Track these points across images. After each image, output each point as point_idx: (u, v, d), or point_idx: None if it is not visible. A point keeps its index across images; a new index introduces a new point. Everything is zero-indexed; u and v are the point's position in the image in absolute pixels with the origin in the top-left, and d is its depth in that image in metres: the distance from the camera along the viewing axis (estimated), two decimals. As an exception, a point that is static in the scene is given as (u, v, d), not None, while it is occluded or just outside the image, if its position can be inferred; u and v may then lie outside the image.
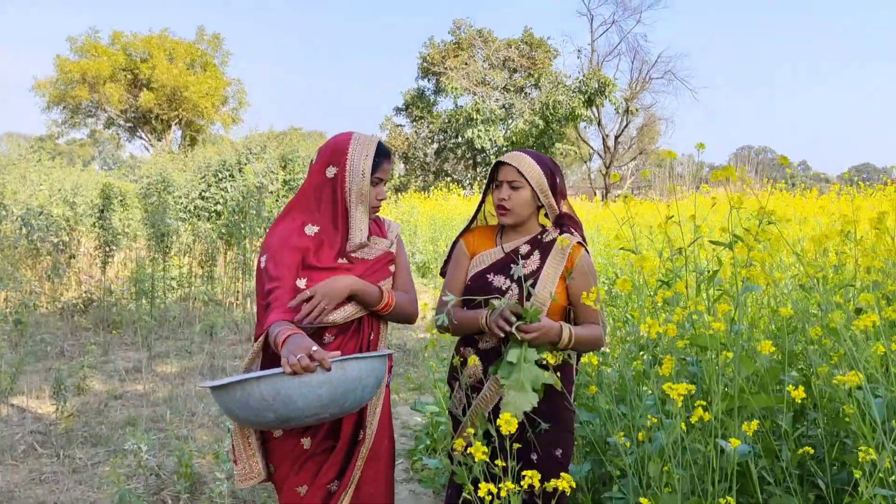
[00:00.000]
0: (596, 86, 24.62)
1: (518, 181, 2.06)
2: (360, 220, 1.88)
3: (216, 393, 1.56)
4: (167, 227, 7.78)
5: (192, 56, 30.36)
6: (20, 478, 3.55)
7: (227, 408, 1.55)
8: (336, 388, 1.51)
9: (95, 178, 13.36)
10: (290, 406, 1.48)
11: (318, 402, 1.50)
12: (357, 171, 1.85)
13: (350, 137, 1.89)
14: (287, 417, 1.50)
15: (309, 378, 1.48)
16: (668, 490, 1.65)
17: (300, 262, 1.81)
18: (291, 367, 1.45)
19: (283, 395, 1.47)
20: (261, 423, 1.55)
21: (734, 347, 1.63)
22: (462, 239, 2.25)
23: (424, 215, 13.42)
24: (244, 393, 1.49)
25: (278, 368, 1.51)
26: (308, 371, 1.46)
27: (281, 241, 1.82)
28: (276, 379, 1.48)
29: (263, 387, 1.48)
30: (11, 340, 5.96)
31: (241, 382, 1.49)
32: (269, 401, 1.47)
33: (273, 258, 1.80)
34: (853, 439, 1.87)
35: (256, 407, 1.49)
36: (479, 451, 1.55)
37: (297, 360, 1.45)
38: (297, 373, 1.46)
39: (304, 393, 1.48)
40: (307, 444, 1.86)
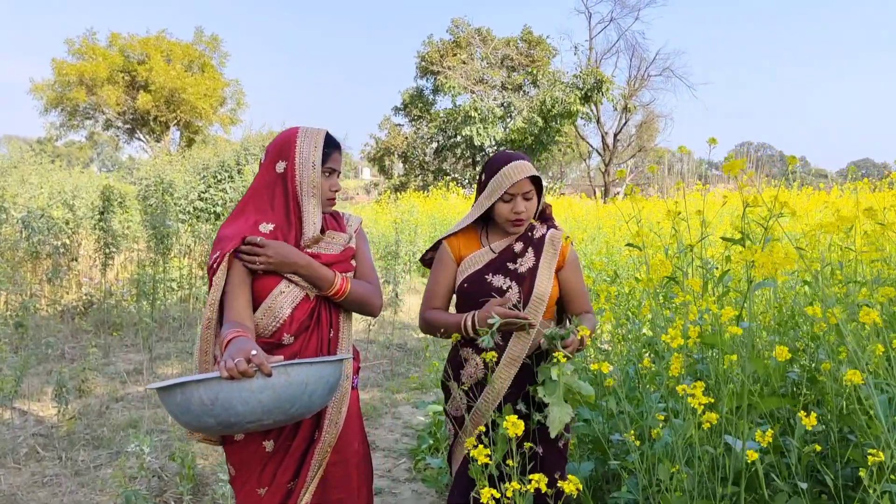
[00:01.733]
0: (593, 83, 24.61)
1: (531, 192, 2.08)
2: (312, 213, 1.84)
3: (160, 395, 1.51)
4: (167, 229, 7.77)
5: (189, 57, 30.32)
6: (22, 481, 3.54)
7: (170, 411, 1.50)
8: (279, 394, 1.45)
9: (95, 180, 13.35)
10: (231, 411, 1.42)
11: (261, 408, 1.44)
12: (307, 162, 1.83)
13: (297, 131, 1.87)
14: (228, 423, 1.45)
15: (249, 383, 1.42)
16: (678, 493, 1.64)
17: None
18: (228, 372, 1.41)
19: (222, 400, 1.42)
20: (203, 428, 1.49)
21: (742, 346, 1.62)
22: (446, 242, 2.22)
23: (424, 214, 13.41)
24: (184, 397, 1.44)
25: (215, 372, 1.46)
26: (246, 376, 1.41)
27: (234, 234, 1.78)
28: (214, 383, 1.42)
29: (203, 391, 1.42)
30: (12, 343, 5.95)
31: (181, 385, 1.44)
32: (209, 405, 1.42)
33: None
34: (859, 436, 1.86)
35: (197, 412, 1.43)
36: (481, 455, 1.54)
37: (234, 364, 1.40)
38: (233, 377, 1.41)
39: (244, 398, 1.42)
40: (269, 447, 1.83)
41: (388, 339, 7.15)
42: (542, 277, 2.06)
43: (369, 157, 30.24)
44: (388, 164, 29.35)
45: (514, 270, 2.09)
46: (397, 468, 3.83)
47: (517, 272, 2.08)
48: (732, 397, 1.60)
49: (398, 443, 4.25)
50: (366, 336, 7.12)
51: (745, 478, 1.59)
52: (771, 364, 1.74)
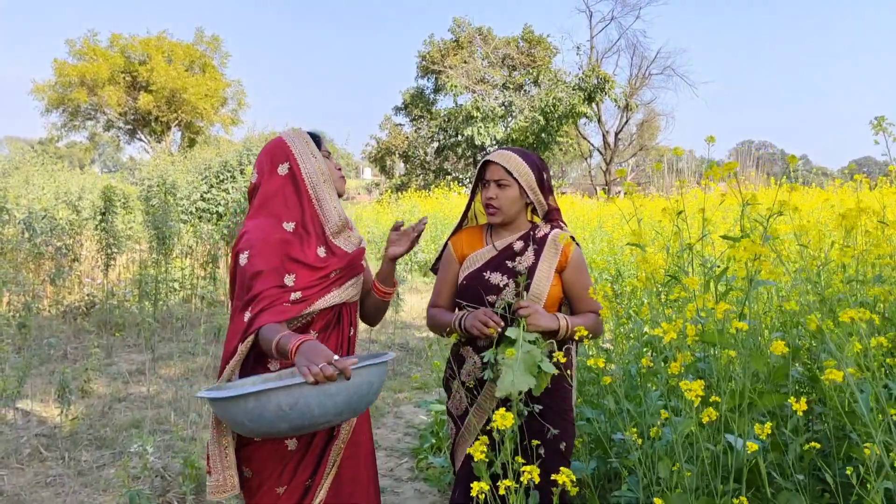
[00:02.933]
0: (595, 82, 24.59)
1: (505, 179, 2.07)
2: (330, 200, 1.87)
3: (222, 404, 1.48)
4: (169, 230, 7.78)
5: (190, 57, 30.33)
6: (26, 481, 3.55)
7: (233, 419, 1.48)
8: (351, 394, 1.47)
9: (98, 180, 13.36)
10: (307, 415, 1.43)
11: (334, 410, 1.46)
12: (307, 155, 1.87)
13: (281, 136, 1.92)
14: (300, 426, 1.46)
15: (327, 387, 1.43)
16: (678, 491, 1.64)
17: (285, 256, 1.77)
18: (314, 377, 1.40)
19: (301, 405, 1.42)
20: (267, 434, 1.49)
21: (744, 344, 1.63)
22: (450, 242, 2.26)
23: (426, 214, 13.42)
24: (259, 403, 1.42)
25: (296, 378, 1.45)
26: (330, 380, 1.41)
27: (264, 236, 1.77)
28: (295, 389, 1.42)
29: (282, 397, 1.41)
30: (15, 344, 5.96)
31: (257, 393, 1.42)
32: (286, 410, 1.42)
33: (258, 254, 1.73)
34: (859, 434, 1.86)
35: (271, 418, 1.43)
36: (477, 452, 1.54)
37: (320, 370, 1.40)
38: (318, 382, 1.41)
39: (322, 402, 1.43)
40: (292, 446, 1.83)
41: (390, 339, 7.15)
42: (539, 276, 2.06)
43: (370, 157, 30.24)
44: (389, 164, 29.35)
45: (512, 268, 2.09)
46: (400, 467, 3.83)
47: (515, 270, 2.09)
48: (733, 395, 1.60)
49: (400, 442, 4.25)
50: (367, 335, 7.13)
51: (745, 473, 1.60)
52: (772, 362, 1.75)
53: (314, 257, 1.82)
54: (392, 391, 5.38)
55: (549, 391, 2.07)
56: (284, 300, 1.71)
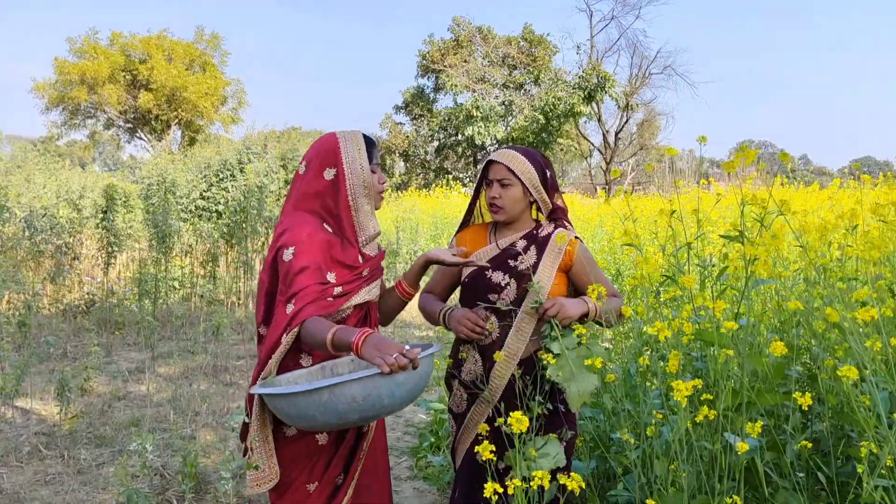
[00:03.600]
0: (595, 81, 24.58)
1: (508, 178, 2.09)
2: (367, 212, 1.91)
3: (290, 399, 1.52)
4: (169, 228, 7.78)
5: (190, 56, 30.32)
6: (25, 479, 3.56)
7: (303, 413, 1.51)
8: (416, 384, 1.53)
9: (100, 179, 13.36)
10: (377, 405, 1.48)
11: (400, 400, 1.51)
12: (355, 165, 1.87)
13: (336, 137, 1.91)
14: (367, 417, 1.51)
15: (397, 377, 1.48)
16: (674, 489, 1.64)
17: (328, 256, 1.81)
18: (390, 367, 1.45)
19: (374, 396, 1.47)
20: (335, 425, 1.54)
21: (741, 343, 1.63)
22: (455, 238, 2.29)
23: (426, 213, 13.42)
24: (333, 395, 1.47)
25: (371, 370, 1.49)
26: (403, 370, 1.47)
27: (310, 233, 1.80)
28: (370, 380, 1.47)
29: (357, 388, 1.46)
30: (15, 342, 5.97)
31: (331, 386, 1.47)
32: (360, 401, 1.47)
33: (305, 250, 1.76)
34: (858, 433, 1.86)
35: (343, 409, 1.47)
36: (486, 451, 1.55)
37: (395, 360, 1.45)
38: (393, 372, 1.46)
39: (391, 391, 1.48)
40: (322, 440, 1.84)
41: (390, 337, 7.15)
42: (541, 276, 2.06)
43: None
44: (389, 163, 29.35)
45: (514, 267, 2.09)
46: (399, 466, 3.84)
47: (517, 269, 2.09)
48: (730, 395, 1.60)
49: (399, 441, 4.26)
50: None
51: (740, 471, 1.60)
52: (769, 362, 1.75)
53: (353, 259, 1.87)
54: (391, 390, 5.38)
55: (551, 392, 2.07)
56: (328, 295, 1.76)
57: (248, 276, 8.51)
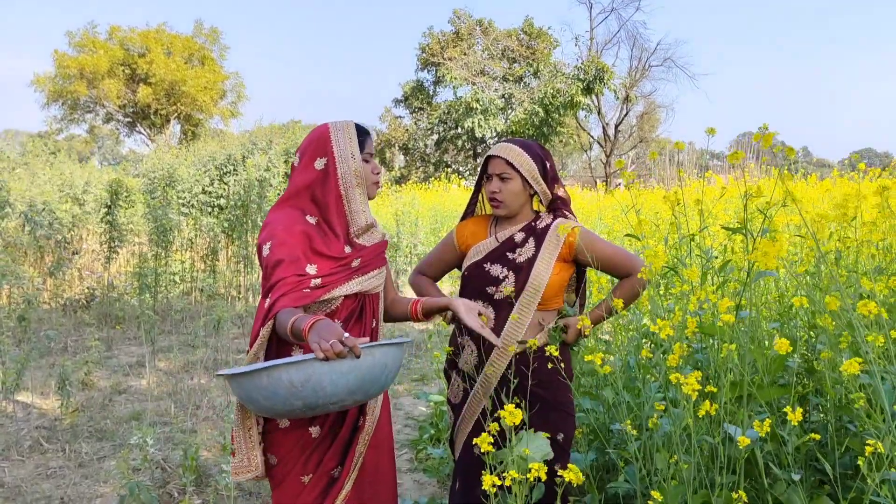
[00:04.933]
0: (595, 73, 24.52)
1: (507, 172, 2.09)
2: (360, 202, 1.88)
3: (238, 380, 1.52)
4: (169, 222, 7.78)
5: (189, 50, 30.21)
6: (27, 473, 3.57)
7: (249, 396, 1.52)
8: (364, 374, 1.50)
9: (104, 173, 13.32)
10: (319, 393, 1.46)
11: (346, 389, 1.48)
12: (345, 154, 1.86)
13: (328, 127, 1.90)
14: (314, 405, 1.48)
15: (339, 364, 1.45)
16: (675, 482, 1.64)
17: (308, 247, 1.79)
18: (324, 353, 1.43)
19: (312, 382, 1.45)
20: (283, 412, 1.52)
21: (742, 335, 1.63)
22: (456, 228, 2.31)
23: (425, 206, 13.41)
24: (271, 380, 1.46)
25: (307, 355, 1.48)
26: (340, 357, 1.44)
27: (286, 226, 1.79)
28: (306, 365, 1.45)
29: (293, 373, 1.45)
30: (15, 337, 5.97)
31: (269, 369, 1.46)
32: (298, 388, 1.45)
33: (281, 243, 1.76)
34: (858, 425, 1.86)
35: (284, 395, 1.46)
36: (484, 443, 1.54)
37: (330, 346, 1.43)
38: (329, 358, 1.43)
39: (333, 379, 1.46)
40: (315, 433, 1.84)
41: (390, 331, 7.16)
42: (539, 268, 2.06)
43: (370, 149, 30.13)
44: (388, 156, 29.31)
45: (512, 260, 2.10)
46: (399, 459, 3.85)
47: (515, 262, 2.09)
48: (731, 387, 1.60)
49: (400, 434, 4.27)
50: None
51: (740, 464, 1.60)
52: (770, 354, 1.75)
53: (338, 251, 1.84)
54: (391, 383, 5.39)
55: (548, 384, 2.08)
56: (304, 286, 1.74)
57: (249, 271, 8.51)
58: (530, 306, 2.06)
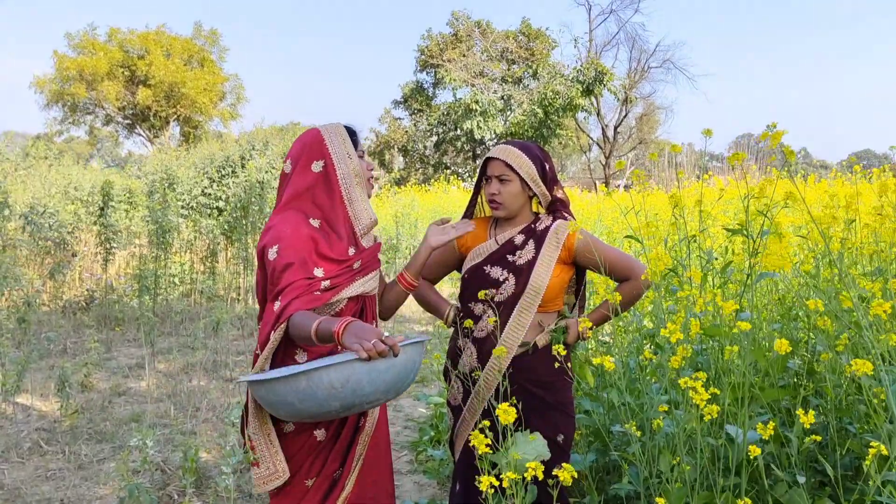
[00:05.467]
0: (594, 75, 24.54)
1: (506, 174, 2.09)
2: (361, 201, 1.89)
3: (270, 386, 1.51)
4: (169, 224, 7.78)
5: (189, 52, 30.22)
6: (26, 475, 3.56)
7: (282, 400, 1.50)
8: (399, 372, 1.51)
9: (110, 176, 13.32)
10: (358, 393, 1.46)
11: (384, 387, 1.49)
12: (343, 155, 1.87)
13: (319, 130, 1.90)
14: (351, 405, 1.48)
15: (378, 363, 1.46)
16: (678, 485, 1.64)
17: (314, 251, 1.79)
18: (367, 353, 1.43)
19: (352, 382, 1.45)
20: (315, 414, 1.51)
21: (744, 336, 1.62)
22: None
23: (425, 208, 13.42)
24: (311, 382, 1.45)
25: (346, 355, 1.48)
26: (382, 356, 1.44)
27: (293, 230, 1.78)
28: (347, 366, 1.45)
29: (334, 374, 1.44)
30: (15, 339, 5.96)
31: (308, 372, 1.45)
32: (339, 388, 1.44)
33: (288, 246, 1.75)
34: (858, 426, 1.87)
35: (323, 396, 1.45)
36: (481, 444, 1.54)
37: (372, 346, 1.43)
38: (371, 358, 1.43)
39: (372, 378, 1.46)
40: (321, 436, 1.84)
41: (391, 332, 7.15)
42: (539, 270, 2.06)
43: (369, 151, 30.20)
44: (388, 157, 29.32)
45: (512, 262, 2.10)
46: (399, 460, 3.84)
47: (515, 264, 2.09)
48: (733, 389, 1.60)
49: (399, 435, 4.26)
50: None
51: (746, 468, 1.60)
52: (771, 356, 1.75)
53: (341, 253, 1.84)
54: (392, 385, 5.38)
55: (548, 386, 2.08)
56: (314, 289, 1.74)
57: (248, 272, 8.51)
58: (530, 308, 2.06)
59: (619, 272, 2.11)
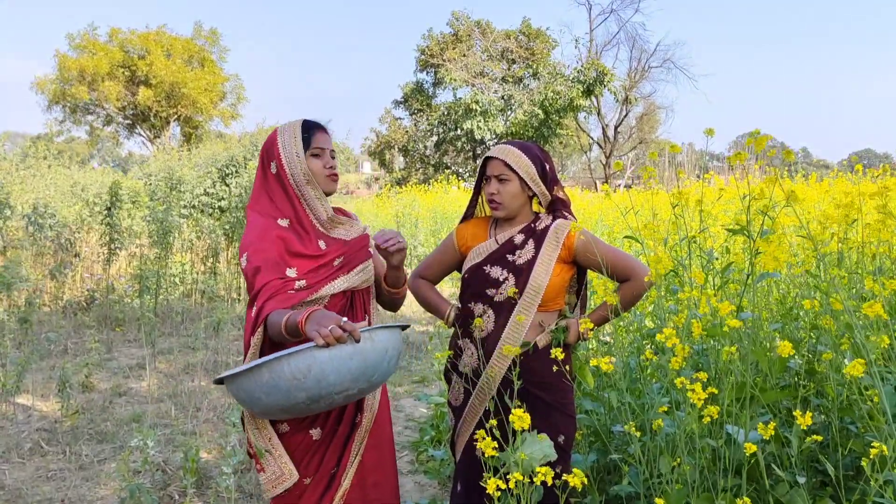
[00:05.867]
0: (594, 75, 24.53)
1: (505, 174, 2.09)
2: (316, 199, 1.88)
3: (237, 381, 1.49)
4: (170, 224, 7.78)
5: (189, 52, 30.23)
6: (27, 475, 3.56)
7: (250, 396, 1.48)
8: (367, 359, 1.47)
9: (115, 176, 13.32)
10: (323, 382, 1.43)
11: (350, 376, 1.45)
12: (291, 155, 1.87)
13: (276, 131, 1.92)
14: (318, 395, 1.44)
15: (340, 350, 1.43)
16: (679, 486, 1.64)
17: (284, 251, 1.79)
18: (324, 339, 1.41)
19: (315, 371, 1.41)
20: (286, 408, 1.48)
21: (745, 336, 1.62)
22: (456, 229, 2.30)
23: (425, 208, 13.42)
24: (272, 374, 1.43)
25: (307, 344, 1.46)
26: (340, 342, 1.42)
27: (260, 234, 1.79)
28: (306, 353, 1.42)
29: (294, 363, 1.41)
30: (16, 339, 5.97)
31: (269, 363, 1.43)
32: (301, 379, 1.41)
33: (256, 251, 1.76)
34: (859, 426, 1.86)
35: (287, 388, 1.42)
36: (488, 447, 1.54)
37: (329, 331, 1.41)
38: (329, 344, 1.41)
39: (336, 367, 1.43)
40: (317, 435, 1.84)
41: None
42: (539, 270, 2.06)
43: (370, 151, 30.23)
44: (388, 157, 29.32)
45: (512, 262, 2.10)
46: (400, 460, 3.84)
47: (515, 264, 2.09)
48: (733, 389, 1.60)
49: (400, 435, 4.26)
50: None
51: (746, 468, 1.60)
52: (772, 356, 1.74)
53: (314, 248, 1.84)
54: (392, 384, 5.38)
55: (549, 386, 2.08)
56: (289, 288, 1.73)
57: (248, 272, 8.49)
58: (530, 308, 2.06)
59: (620, 272, 2.10)
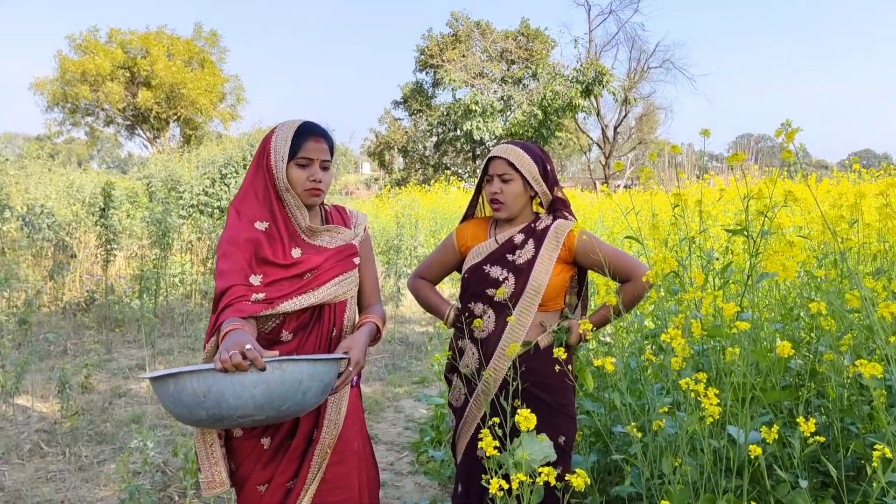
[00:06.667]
0: (593, 76, 24.54)
1: (508, 174, 2.09)
2: (295, 207, 1.82)
3: (154, 385, 1.50)
4: (169, 225, 7.78)
5: (189, 53, 30.21)
6: (27, 476, 3.56)
7: (162, 402, 1.50)
8: (272, 389, 1.44)
9: (111, 178, 13.32)
10: (223, 405, 1.42)
11: (253, 403, 1.43)
12: (277, 159, 1.79)
13: (272, 132, 1.84)
14: (219, 416, 1.44)
15: (243, 377, 1.42)
16: (680, 486, 1.64)
17: (253, 257, 1.74)
18: (222, 364, 1.40)
19: (214, 393, 1.41)
20: (194, 421, 1.48)
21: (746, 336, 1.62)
22: (456, 230, 2.30)
23: (425, 209, 13.42)
24: (177, 387, 1.43)
25: (211, 364, 1.45)
26: (240, 369, 1.40)
27: (230, 239, 1.75)
28: (208, 375, 1.42)
29: (195, 382, 1.42)
30: (15, 340, 5.96)
31: (174, 376, 1.43)
32: (202, 397, 1.41)
33: (222, 255, 1.72)
34: (860, 427, 1.86)
35: (188, 403, 1.43)
36: (490, 447, 1.53)
37: (228, 357, 1.40)
38: (227, 370, 1.40)
39: (237, 392, 1.41)
40: (266, 445, 1.83)
41: (390, 334, 7.15)
42: (539, 270, 2.06)
43: (369, 151, 30.21)
44: (388, 158, 29.31)
45: (512, 262, 2.10)
46: (400, 461, 3.84)
47: (515, 264, 2.09)
48: (734, 389, 1.60)
49: (400, 436, 4.26)
50: (367, 330, 7.11)
51: (748, 470, 1.59)
52: (773, 357, 1.74)
53: (284, 257, 1.78)
54: (392, 385, 5.38)
55: (550, 387, 2.08)
56: (247, 297, 1.68)
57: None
58: (531, 308, 2.06)
59: (620, 273, 2.10)
